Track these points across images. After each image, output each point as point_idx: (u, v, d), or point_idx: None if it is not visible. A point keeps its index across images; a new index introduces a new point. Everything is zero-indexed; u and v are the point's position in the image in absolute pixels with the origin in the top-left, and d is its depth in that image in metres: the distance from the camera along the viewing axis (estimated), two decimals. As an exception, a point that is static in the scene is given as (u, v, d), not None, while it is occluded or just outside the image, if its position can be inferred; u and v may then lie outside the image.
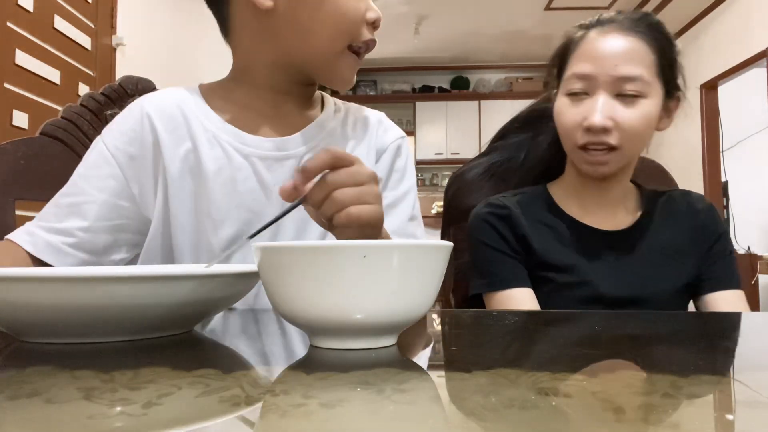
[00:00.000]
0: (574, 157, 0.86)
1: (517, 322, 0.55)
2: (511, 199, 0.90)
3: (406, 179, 0.83)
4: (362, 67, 0.78)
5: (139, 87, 0.89)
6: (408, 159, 0.85)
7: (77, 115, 0.84)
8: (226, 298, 0.45)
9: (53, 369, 0.32)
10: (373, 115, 0.86)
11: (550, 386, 0.28)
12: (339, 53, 0.73)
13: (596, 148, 0.81)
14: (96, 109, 0.85)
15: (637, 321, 0.57)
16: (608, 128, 0.79)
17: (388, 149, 0.83)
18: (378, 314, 0.35)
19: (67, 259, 0.70)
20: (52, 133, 0.82)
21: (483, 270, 0.88)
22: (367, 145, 0.81)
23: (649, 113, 0.81)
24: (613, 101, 0.80)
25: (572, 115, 0.83)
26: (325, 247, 0.34)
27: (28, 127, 2.08)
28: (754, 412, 0.23)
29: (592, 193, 0.89)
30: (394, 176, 0.83)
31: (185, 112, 0.75)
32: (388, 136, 0.84)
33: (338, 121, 0.82)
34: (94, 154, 0.74)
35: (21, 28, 2.12)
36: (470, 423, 0.23)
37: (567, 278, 0.84)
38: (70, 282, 0.38)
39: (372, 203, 0.56)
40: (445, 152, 6.72)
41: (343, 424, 0.22)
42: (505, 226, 0.87)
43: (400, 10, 5.27)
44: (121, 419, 0.23)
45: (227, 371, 0.31)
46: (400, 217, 0.80)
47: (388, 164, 0.82)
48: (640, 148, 0.86)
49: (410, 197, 0.83)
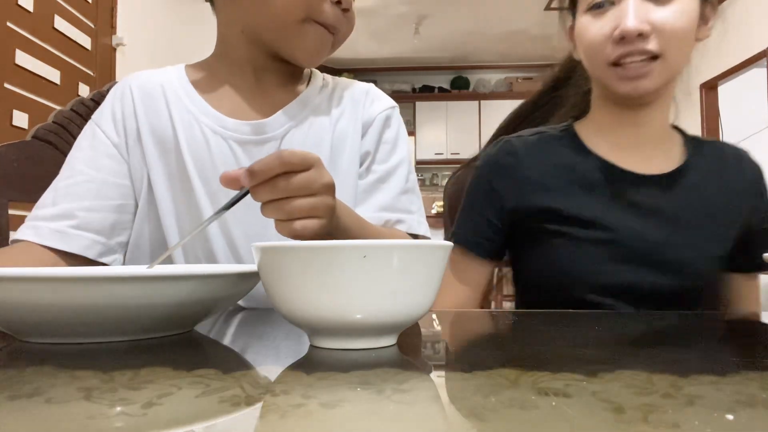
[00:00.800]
0: (606, 77, 0.73)
1: (517, 322, 0.55)
2: (528, 140, 0.81)
3: (397, 151, 0.81)
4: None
5: None
6: (399, 129, 0.82)
7: (68, 120, 0.86)
8: (226, 298, 0.45)
9: (53, 369, 0.32)
10: (360, 87, 0.83)
11: (550, 386, 0.28)
12: (299, 23, 0.70)
13: (634, 60, 0.70)
14: (85, 113, 0.88)
15: (637, 321, 0.57)
16: (645, 33, 0.69)
17: (376, 120, 0.80)
18: (378, 314, 0.35)
19: (74, 242, 0.68)
20: (43, 136, 0.84)
21: (457, 219, 0.83)
22: (353, 119, 0.79)
23: (689, 12, 0.71)
24: (646, 3, 0.70)
25: (599, 29, 0.71)
26: (325, 247, 0.34)
27: (28, 127, 2.08)
28: (754, 412, 0.23)
29: (626, 129, 0.77)
30: (383, 148, 0.80)
31: (167, 92, 0.75)
32: (375, 107, 0.81)
33: (324, 96, 0.80)
34: (88, 135, 0.74)
35: (21, 28, 2.12)
36: (470, 423, 0.23)
37: (588, 233, 0.73)
38: (70, 282, 0.38)
39: (321, 217, 0.52)
40: (445, 152, 6.73)
41: (343, 424, 0.22)
42: (502, 179, 0.79)
43: (400, 10, 5.27)
44: (121, 419, 0.23)
45: (227, 371, 0.31)
46: (392, 192, 0.78)
47: (375, 136, 0.80)
48: (684, 57, 0.74)
49: (402, 169, 0.80)
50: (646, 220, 0.73)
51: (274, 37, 0.73)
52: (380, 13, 5.41)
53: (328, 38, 0.73)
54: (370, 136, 0.80)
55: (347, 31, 0.75)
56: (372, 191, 0.78)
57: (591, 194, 0.75)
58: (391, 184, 0.78)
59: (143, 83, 0.76)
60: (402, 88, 6.86)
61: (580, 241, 0.74)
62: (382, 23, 5.67)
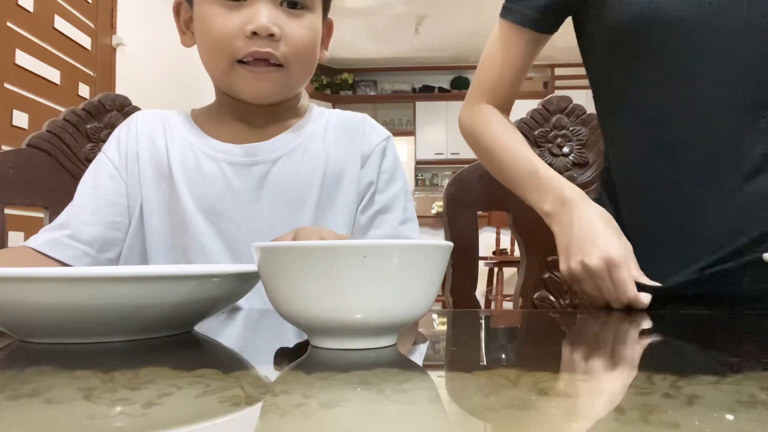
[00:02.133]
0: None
1: (517, 322, 0.55)
2: None
3: (395, 182, 0.82)
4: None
5: (117, 103, 0.98)
6: (396, 160, 0.85)
7: (60, 128, 0.94)
8: (226, 298, 0.45)
9: (53, 369, 0.32)
10: (356, 118, 0.85)
11: (550, 386, 0.28)
12: (227, 70, 0.73)
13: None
14: (77, 122, 0.95)
15: (638, 321, 0.57)
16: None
17: (374, 152, 0.82)
18: (378, 314, 0.35)
19: (66, 251, 0.72)
20: (37, 144, 0.91)
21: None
22: (350, 149, 0.81)
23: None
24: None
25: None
26: (325, 247, 0.34)
27: (28, 127, 2.08)
28: (754, 412, 0.23)
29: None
30: (381, 178, 0.82)
31: (167, 122, 0.80)
32: (373, 137, 0.83)
33: (319, 126, 0.82)
34: (94, 163, 0.80)
35: (21, 28, 2.12)
36: (470, 423, 0.23)
37: None
38: (70, 282, 0.38)
39: None
40: (445, 152, 6.73)
41: (343, 424, 0.22)
42: None
43: (400, 10, 5.27)
44: (121, 419, 0.23)
45: (227, 371, 0.31)
46: (392, 223, 0.80)
47: (375, 167, 0.82)
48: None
49: (400, 200, 0.82)
50: None
51: (220, 84, 0.79)
52: (380, 13, 5.41)
53: (264, 74, 0.73)
54: (370, 168, 0.81)
55: (297, 57, 0.74)
56: (372, 223, 0.80)
57: None
58: (391, 216, 0.80)
59: (149, 115, 0.82)
60: (402, 88, 6.86)
61: None
62: (382, 23, 5.67)
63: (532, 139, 1.00)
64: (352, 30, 5.80)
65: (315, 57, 0.78)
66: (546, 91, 6.55)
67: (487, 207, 1.01)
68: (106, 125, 0.96)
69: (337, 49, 6.34)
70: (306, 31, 0.74)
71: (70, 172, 0.93)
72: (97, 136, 0.95)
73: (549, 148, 1.00)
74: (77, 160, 0.94)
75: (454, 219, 0.99)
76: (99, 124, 0.96)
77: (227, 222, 0.75)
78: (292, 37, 0.72)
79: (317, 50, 0.78)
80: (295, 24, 0.73)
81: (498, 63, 0.85)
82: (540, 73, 6.81)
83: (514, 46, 0.83)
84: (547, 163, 0.98)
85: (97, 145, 0.94)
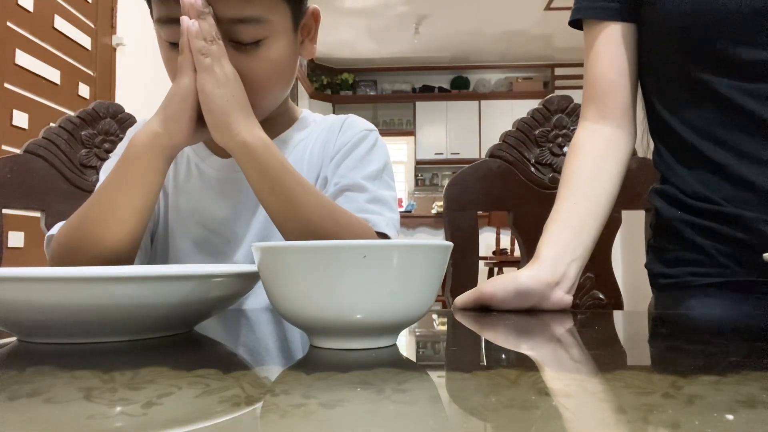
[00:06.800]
0: None
1: (516, 321, 0.55)
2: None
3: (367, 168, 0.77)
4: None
5: (110, 111, 1.02)
6: (373, 150, 0.79)
7: (56, 135, 0.98)
8: (226, 298, 0.45)
9: (53, 369, 0.32)
10: (337, 119, 0.83)
11: (550, 386, 0.28)
12: None
13: None
14: (72, 129, 0.99)
15: (638, 321, 0.57)
16: None
17: (345, 147, 0.78)
18: (378, 314, 0.35)
19: None
20: (34, 150, 0.96)
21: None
22: (324, 148, 0.79)
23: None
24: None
25: None
26: (325, 247, 0.34)
27: (28, 127, 2.08)
28: (755, 412, 0.23)
29: None
30: (346, 163, 0.77)
31: None
32: (346, 135, 0.79)
33: (305, 134, 0.81)
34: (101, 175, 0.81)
35: (21, 28, 2.12)
36: (470, 423, 0.23)
37: None
38: (70, 282, 0.38)
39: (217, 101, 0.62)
40: (445, 152, 6.73)
41: (343, 424, 0.22)
42: None
43: (400, 10, 5.27)
44: (121, 419, 0.23)
45: (227, 371, 0.31)
46: (358, 200, 0.74)
47: (339, 160, 0.77)
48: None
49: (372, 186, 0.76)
50: None
51: None
52: (380, 13, 5.41)
53: None
54: (334, 162, 0.78)
55: (260, 93, 0.69)
56: (337, 200, 0.74)
57: None
58: (359, 195, 0.74)
59: None
60: (402, 88, 6.86)
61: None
62: (382, 23, 5.68)
63: (532, 139, 1.00)
64: (352, 30, 5.80)
65: (285, 77, 0.73)
66: (546, 91, 6.55)
67: (487, 207, 1.01)
68: (100, 132, 1.01)
69: (337, 49, 6.35)
70: (263, 64, 0.67)
71: (65, 176, 0.97)
72: (91, 142, 1.00)
73: (549, 148, 1.00)
74: (72, 166, 0.98)
75: (454, 219, 0.99)
76: (93, 131, 1.00)
77: (208, 233, 0.77)
78: (246, 77, 0.66)
79: (286, 69, 0.72)
80: (251, 62, 0.66)
81: (595, 68, 0.78)
82: (540, 73, 6.81)
83: (603, 43, 0.77)
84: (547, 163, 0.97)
85: (91, 151, 1.00)
